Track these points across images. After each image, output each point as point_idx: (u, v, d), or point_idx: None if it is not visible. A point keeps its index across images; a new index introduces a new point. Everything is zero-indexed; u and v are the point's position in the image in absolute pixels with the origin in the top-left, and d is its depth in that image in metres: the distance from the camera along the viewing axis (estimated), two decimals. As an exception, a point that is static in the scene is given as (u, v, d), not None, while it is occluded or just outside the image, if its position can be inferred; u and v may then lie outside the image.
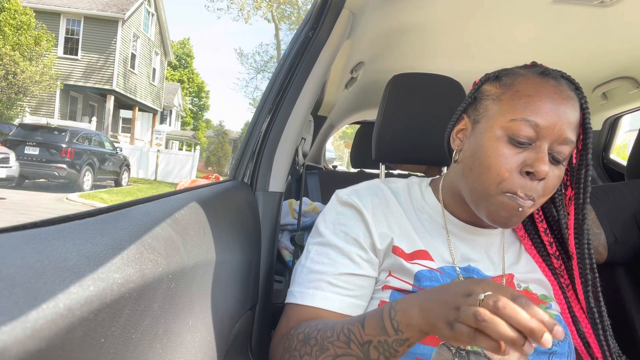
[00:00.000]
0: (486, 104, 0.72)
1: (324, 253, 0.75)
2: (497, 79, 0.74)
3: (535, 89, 0.67)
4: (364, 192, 0.80)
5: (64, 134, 10.36)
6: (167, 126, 23.96)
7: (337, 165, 4.73)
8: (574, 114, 0.67)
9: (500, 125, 0.68)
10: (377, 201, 0.78)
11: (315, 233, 0.79)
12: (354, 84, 1.80)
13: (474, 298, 0.48)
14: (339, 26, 1.00)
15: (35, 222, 0.35)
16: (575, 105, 0.68)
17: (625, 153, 6.91)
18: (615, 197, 0.95)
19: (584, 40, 1.26)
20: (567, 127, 0.66)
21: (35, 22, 12.97)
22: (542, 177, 0.65)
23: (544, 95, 0.67)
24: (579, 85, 0.72)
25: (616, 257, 0.94)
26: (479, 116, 0.72)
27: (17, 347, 0.23)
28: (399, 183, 0.84)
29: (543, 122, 0.65)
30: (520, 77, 0.70)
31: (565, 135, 0.66)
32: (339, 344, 0.61)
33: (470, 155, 0.71)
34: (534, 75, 0.70)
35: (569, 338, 0.72)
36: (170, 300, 0.42)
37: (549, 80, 0.69)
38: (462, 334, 0.48)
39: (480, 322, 0.45)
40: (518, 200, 0.65)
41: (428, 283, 0.70)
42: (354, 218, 0.76)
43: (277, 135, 0.90)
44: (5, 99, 12.31)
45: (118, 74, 16.60)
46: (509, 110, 0.68)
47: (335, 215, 0.78)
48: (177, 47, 32.44)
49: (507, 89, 0.70)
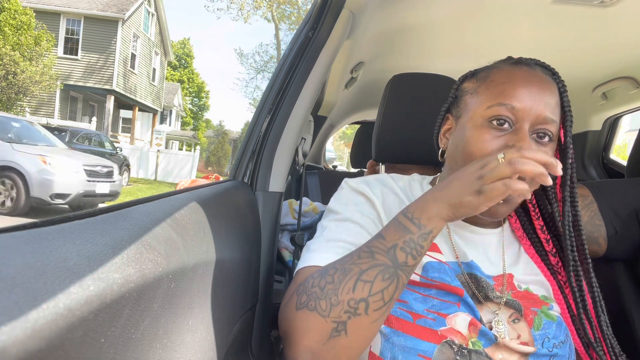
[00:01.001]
0: (465, 99, 0.75)
1: (342, 226, 0.73)
2: (474, 75, 0.77)
3: (509, 76, 0.70)
4: (374, 182, 0.81)
5: (63, 134, 10.37)
6: (167, 126, 23.97)
7: (337, 165, 4.73)
8: (551, 95, 0.68)
9: (480, 115, 0.70)
10: (387, 191, 0.79)
11: (330, 213, 0.78)
12: (354, 84, 1.80)
13: (493, 161, 0.58)
14: (339, 26, 1.00)
15: (35, 222, 0.35)
16: (552, 89, 0.69)
17: (625, 153, 6.92)
18: (618, 191, 0.95)
19: (584, 40, 1.26)
20: (545, 107, 0.67)
21: (35, 22, 12.97)
22: None
23: (516, 81, 0.69)
24: (555, 71, 0.73)
25: (615, 251, 0.94)
26: (460, 112, 0.75)
27: (17, 347, 0.23)
28: (402, 180, 0.85)
29: (519, 104, 0.67)
30: (494, 69, 0.74)
31: (544, 114, 0.67)
32: (362, 260, 0.60)
33: (454, 148, 0.74)
34: (507, 66, 0.73)
35: (569, 339, 0.72)
36: (170, 300, 0.42)
37: (522, 67, 0.71)
38: (496, 190, 0.56)
39: (516, 165, 0.55)
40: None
41: (436, 274, 0.69)
42: (366, 203, 0.77)
43: (277, 135, 0.90)
44: (5, 99, 12.31)
45: (118, 74, 16.60)
46: (485, 99, 0.70)
47: (350, 197, 0.78)
48: (177, 47, 32.46)
49: (482, 82, 0.73)
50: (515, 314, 0.69)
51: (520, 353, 0.66)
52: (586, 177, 1.94)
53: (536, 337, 0.68)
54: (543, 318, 0.70)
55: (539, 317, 0.70)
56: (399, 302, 0.69)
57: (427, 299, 0.68)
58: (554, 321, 0.71)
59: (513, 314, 0.69)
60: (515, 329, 0.68)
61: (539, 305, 0.72)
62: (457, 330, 0.65)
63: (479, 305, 0.69)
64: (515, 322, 0.69)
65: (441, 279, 0.69)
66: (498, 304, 0.70)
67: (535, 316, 0.70)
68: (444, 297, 0.68)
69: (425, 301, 0.68)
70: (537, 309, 0.71)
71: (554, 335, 0.69)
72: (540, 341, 0.68)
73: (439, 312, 0.67)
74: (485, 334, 0.66)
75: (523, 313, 0.70)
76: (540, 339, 0.68)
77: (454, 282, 0.69)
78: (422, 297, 0.68)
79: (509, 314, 0.69)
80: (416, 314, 0.67)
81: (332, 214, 0.78)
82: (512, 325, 0.69)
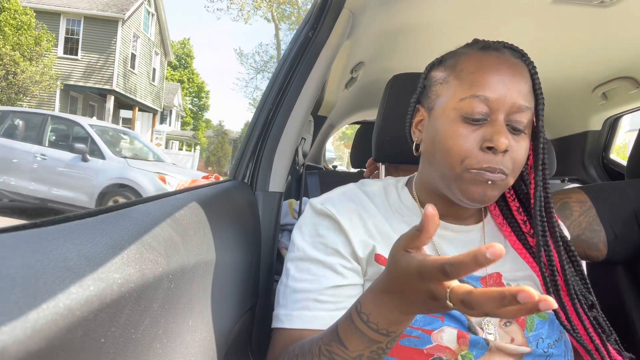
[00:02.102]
0: (435, 89, 0.72)
1: (304, 269, 0.71)
2: (441, 62, 0.74)
3: (478, 64, 0.67)
4: (338, 199, 0.76)
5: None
6: (167, 126, 23.97)
7: (337, 165, 4.73)
8: (523, 81, 0.67)
9: (452, 107, 0.67)
10: (354, 206, 0.75)
11: (293, 247, 0.75)
12: (354, 84, 1.80)
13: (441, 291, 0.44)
14: (339, 26, 1.00)
15: (35, 222, 0.35)
16: (523, 73, 0.67)
17: (625, 153, 6.90)
18: (616, 195, 0.95)
19: (584, 40, 1.26)
20: (518, 95, 0.65)
21: (36, 22, 12.97)
22: (504, 150, 0.64)
23: (487, 68, 0.66)
24: (524, 53, 0.71)
25: (616, 254, 0.94)
26: (432, 103, 0.72)
27: (17, 347, 0.23)
28: (375, 186, 0.81)
29: (492, 94, 0.65)
30: (462, 56, 0.71)
31: (518, 103, 0.65)
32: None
33: (430, 143, 0.71)
34: (475, 52, 0.70)
35: (564, 336, 0.71)
36: (170, 300, 0.42)
37: (491, 52, 0.68)
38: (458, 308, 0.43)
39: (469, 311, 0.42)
40: (486, 175, 0.64)
41: None
42: (331, 228, 0.73)
43: (277, 135, 0.90)
44: (5, 99, 12.31)
45: (118, 74, 16.60)
46: (456, 90, 0.68)
47: (312, 226, 0.74)
48: (177, 47, 32.47)
49: (451, 70, 0.70)
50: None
51: (515, 355, 0.65)
52: (586, 177, 1.94)
53: (530, 339, 0.67)
54: (535, 318, 0.69)
55: (531, 317, 0.69)
56: None
57: None
58: (546, 320, 0.70)
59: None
60: (508, 333, 0.67)
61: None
62: (445, 346, 0.64)
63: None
64: (507, 325, 0.68)
65: None
66: None
67: (527, 317, 0.69)
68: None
69: None
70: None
71: (548, 335, 0.68)
72: (534, 342, 0.67)
73: (423, 329, 0.65)
74: (476, 343, 0.64)
75: None
76: (534, 340, 0.67)
77: None
78: None
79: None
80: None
81: (295, 249, 0.74)
82: (504, 329, 0.67)
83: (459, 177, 0.66)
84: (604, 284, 0.78)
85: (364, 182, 0.82)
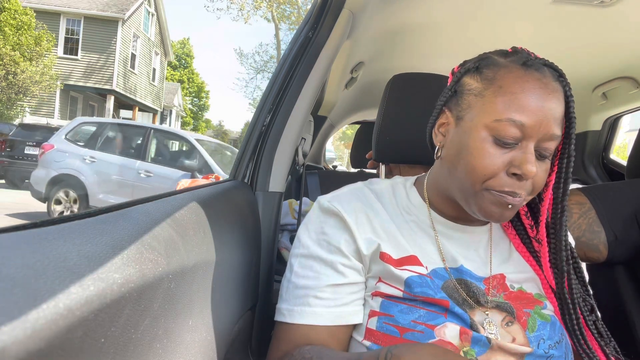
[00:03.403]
0: (469, 99, 0.69)
1: (307, 266, 0.73)
2: (478, 70, 0.70)
3: (520, 84, 0.65)
4: (346, 197, 0.77)
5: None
6: (167, 126, 23.97)
7: (337, 165, 4.73)
8: (559, 107, 0.66)
9: (485, 125, 0.66)
10: (360, 205, 0.75)
11: (298, 244, 0.76)
12: (354, 84, 1.80)
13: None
14: (339, 26, 1.00)
15: (35, 222, 0.35)
16: (560, 98, 0.66)
17: (625, 153, 6.90)
18: (615, 196, 0.95)
19: (584, 40, 1.26)
20: (553, 122, 0.65)
21: (36, 22, 12.98)
22: (529, 178, 0.64)
23: (528, 91, 0.64)
24: (562, 72, 0.69)
25: (616, 255, 0.94)
26: (462, 112, 0.70)
27: (17, 347, 0.23)
28: (383, 184, 0.81)
29: (529, 121, 0.63)
30: (502, 69, 0.67)
31: (551, 132, 0.64)
32: None
33: (455, 154, 0.69)
34: (517, 67, 0.67)
35: (565, 338, 0.71)
36: (170, 300, 0.42)
37: (532, 72, 0.66)
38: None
39: None
40: (507, 198, 0.64)
41: (419, 289, 0.68)
42: (337, 226, 0.74)
43: (277, 135, 0.90)
44: (5, 99, 12.32)
45: (118, 74, 16.61)
46: (493, 109, 0.65)
47: (318, 224, 0.75)
48: (177, 47, 32.47)
49: (489, 84, 0.67)
50: (508, 317, 0.68)
51: (516, 354, 0.65)
52: (586, 177, 1.94)
53: (531, 339, 0.67)
54: (537, 319, 0.69)
55: (533, 318, 0.69)
56: (384, 317, 0.68)
57: (413, 309, 0.67)
58: (548, 321, 0.70)
59: (506, 317, 0.68)
60: (510, 332, 0.67)
61: (532, 306, 0.70)
62: (448, 341, 0.64)
63: (471, 310, 0.68)
64: (508, 325, 0.68)
65: (424, 294, 0.68)
66: (490, 308, 0.69)
67: (529, 317, 0.69)
68: (430, 308, 0.67)
69: (412, 311, 0.67)
70: (530, 310, 0.70)
71: (549, 336, 0.68)
72: (535, 343, 0.67)
73: (427, 324, 0.65)
74: (478, 341, 0.65)
75: (516, 315, 0.69)
76: (536, 341, 0.67)
77: (438, 294, 0.68)
78: (408, 307, 0.67)
79: (501, 317, 0.68)
80: (403, 327, 0.66)
81: (300, 246, 0.76)
82: (505, 328, 0.68)
83: (479, 195, 0.66)
84: (603, 284, 0.78)
85: (372, 180, 0.83)
